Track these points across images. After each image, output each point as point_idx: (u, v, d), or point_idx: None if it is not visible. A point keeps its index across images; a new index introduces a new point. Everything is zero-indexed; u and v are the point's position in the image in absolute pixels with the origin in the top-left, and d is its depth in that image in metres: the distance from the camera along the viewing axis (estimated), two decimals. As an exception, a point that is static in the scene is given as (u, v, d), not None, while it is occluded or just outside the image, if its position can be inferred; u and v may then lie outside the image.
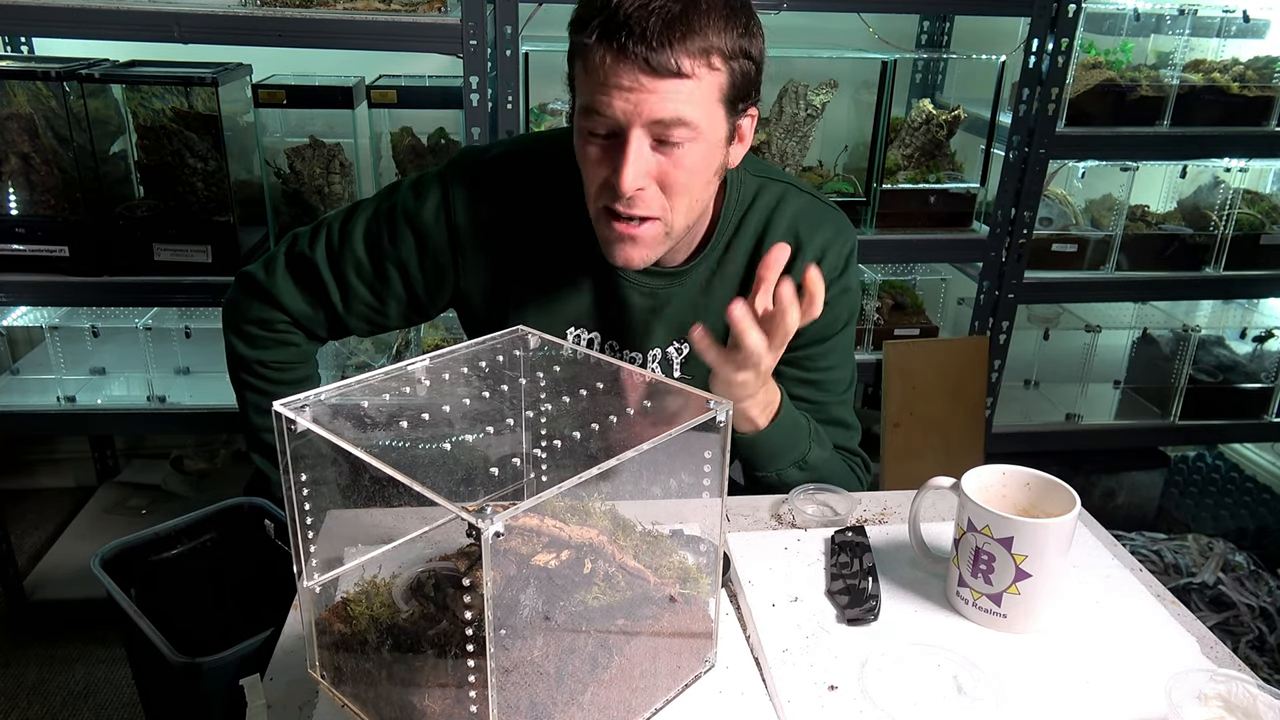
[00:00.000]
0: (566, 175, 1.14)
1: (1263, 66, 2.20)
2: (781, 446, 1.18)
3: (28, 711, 1.99)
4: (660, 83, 0.97)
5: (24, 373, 2.12)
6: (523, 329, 0.90)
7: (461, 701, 0.66)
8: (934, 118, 2.16)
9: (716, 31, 0.98)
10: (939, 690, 0.83)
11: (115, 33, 1.72)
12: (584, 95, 1.01)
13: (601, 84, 0.98)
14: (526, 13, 1.83)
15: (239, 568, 1.70)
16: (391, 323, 1.29)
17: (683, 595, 0.81)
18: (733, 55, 1.00)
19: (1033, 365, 2.47)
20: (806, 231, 1.21)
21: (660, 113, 0.98)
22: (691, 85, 0.98)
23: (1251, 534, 2.54)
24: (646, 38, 0.95)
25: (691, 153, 1.02)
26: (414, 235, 1.21)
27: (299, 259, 1.25)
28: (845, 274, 1.25)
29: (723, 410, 0.74)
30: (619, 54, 0.96)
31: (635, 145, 1.00)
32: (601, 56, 0.97)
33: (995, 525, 0.88)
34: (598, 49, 0.97)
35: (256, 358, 1.30)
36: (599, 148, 1.03)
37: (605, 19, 0.96)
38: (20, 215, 1.85)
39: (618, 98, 0.98)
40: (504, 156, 1.21)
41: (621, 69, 0.97)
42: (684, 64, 0.96)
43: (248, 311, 1.28)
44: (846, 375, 1.30)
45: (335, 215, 1.26)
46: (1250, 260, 2.32)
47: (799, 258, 1.20)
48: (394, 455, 0.78)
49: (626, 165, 1.00)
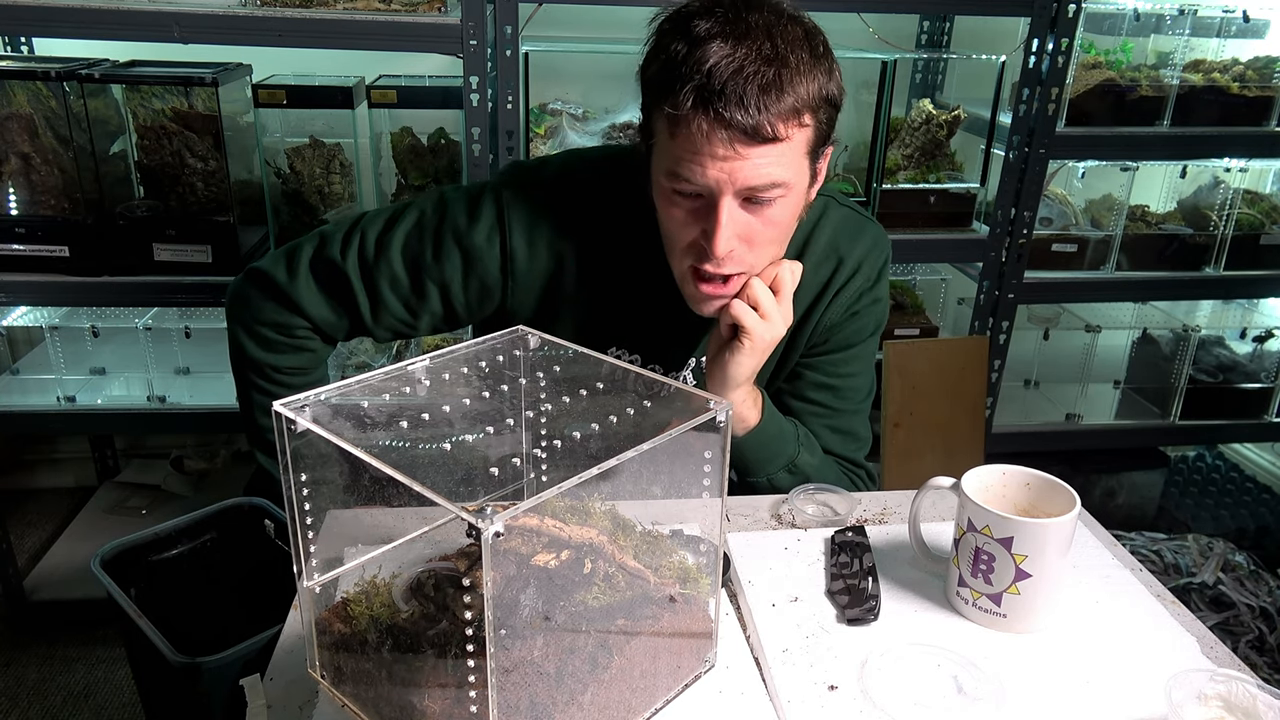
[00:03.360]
0: (623, 198, 1.13)
1: (1263, 66, 2.20)
2: (769, 450, 1.18)
3: (28, 711, 1.99)
4: (755, 149, 0.95)
5: (24, 373, 2.12)
6: (523, 329, 0.90)
7: (461, 701, 0.66)
8: (934, 118, 2.16)
9: (806, 86, 0.96)
10: (939, 690, 0.83)
11: (115, 33, 1.72)
12: (672, 160, 0.99)
13: (695, 152, 0.96)
14: (526, 13, 1.83)
15: (239, 568, 1.70)
16: (419, 333, 1.25)
17: (683, 595, 0.81)
18: (819, 105, 0.98)
19: (1033, 365, 2.47)
20: (846, 245, 1.21)
21: (754, 180, 0.97)
22: (784, 147, 0.97)
23: (1251, 534, 2.54)
24: (745, 105, 0.92)
25: (781, 208, 1.02)
26: (461, 255, 1.16)
27: (328, 265, 1.18)
28: (878, 285, 1.25)
29: (723, 410, 0.74)
30: (715, 123, 0.93)
31: (727, 211, 0.98)
32: (698, 126, 0.94)
33: (995, 525, 0.88)
34: (694, 117, 0.94)
35: (270, 362, 1.23)
36: (686, 210, 1.02)
37: (699, 86, 0.93)
38: (20, 215, 1.85)
39: (712, 167, 0.96)
40: (562, 178, 1.18)
41: (718, 139, 0.94)
42: (779, 129, 0.95)
43: (261, 313, 1.20)
44: (865, 384, 1.30)
45: (371, 221, 1.19)
46: (1250, 260, 2.32)
47: (838, 270, 1.21)
48: (394, 455, 0.78)
49: (720, 231, 0.99)
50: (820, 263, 1.21)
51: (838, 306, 1.23)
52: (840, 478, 1.27)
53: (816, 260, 1.20)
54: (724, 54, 0.93)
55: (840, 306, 1.23)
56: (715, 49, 0.94)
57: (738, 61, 0.93)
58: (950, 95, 2.40)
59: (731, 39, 0.94)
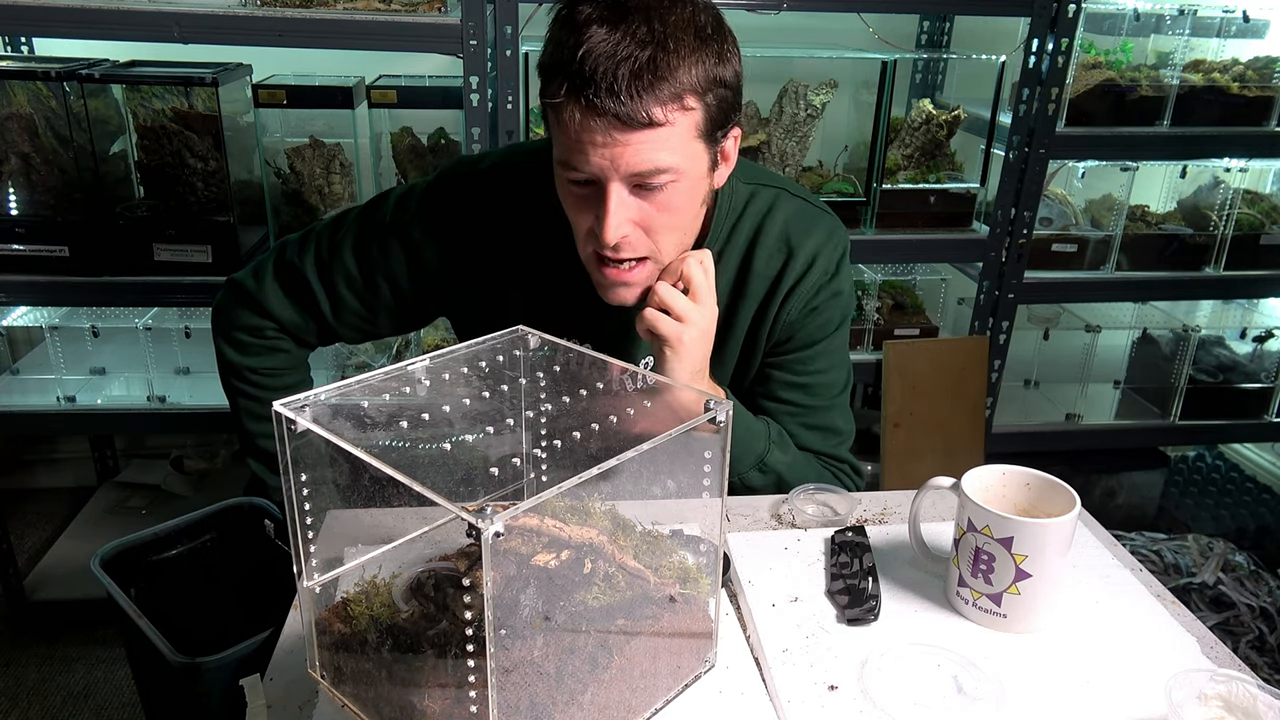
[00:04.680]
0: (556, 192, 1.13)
1: (1263, 66, 2.20)
2: (736, 448, 1.16)
3: (28, 711, 1.99)
4: (634, 135, 0.94)
5: (24, 373, 2.12)
6: (523, 329, 0.90)
7: (461, 701, 0.66)
8: (934, 118, 2.16)
9: (687, 69, 0.94)
10: (939, 690, 0.83)
11: (115, 33, 1.72)
12: (560, 149, 1.00)
13: (575, 141, 0.96)
14: (526, 13, 1.83)
15: (239, 568, 1.69)
16: (382, 331, 1.30)
17: (683, 595, 0.81)
18: (706, 89, 0.97)
19: (1033, 365, 2.47)
20: (798, 237, 1.19)
21: (637, 165, 0.96)
22: (667, 131, 0.95)
23: (1251, 534, 2.54)
24: (615, 92, 0.91)
25: (674, 193, 1.01)
26: (403, 249, 1.20)
27: (288, 268, 1.24)
28: (836, 278, 1.22)
29: (723, 410, 0.74)
30: (589, 110, 0.93)
31: (615, 197, 0.98)
32: (571, 114, 0.94)
33: (995, 525, 0.88)
34: (567, 106, 0.94)
35: (247, 364, 1.30)
36: (580, 196, 1.02)
37: (572, 74, 0.93)
38: (20, 215, 1.85)
39: (593, 154, 0.96)
40: (497, 168, 1.20)
41: (594, 126, 0.94)
42: (656, 113, 0.93)
43: (237, 319, 1.28)
44: (839, 379, 1.28)
45: (324, 225, 1.25)
46: (1250, 260, 2.32)
47: (790, 263, 1.19)
48: (394, 455, 0.78)
49: (608, 218, 0.99)
50: (771, 255, 1.19)
51: (795, 303, 1.20)
52: (821, 473, 1.26)
53: (767, 253, 1.19)
54: (599, 39, 0.92)
55: (799, 303, 1.20)
56: (591, 34, 0.92)
57: (611, 46, 0.92)
58: (950, 95, 2.40)
59: (608, 23, 0.93)
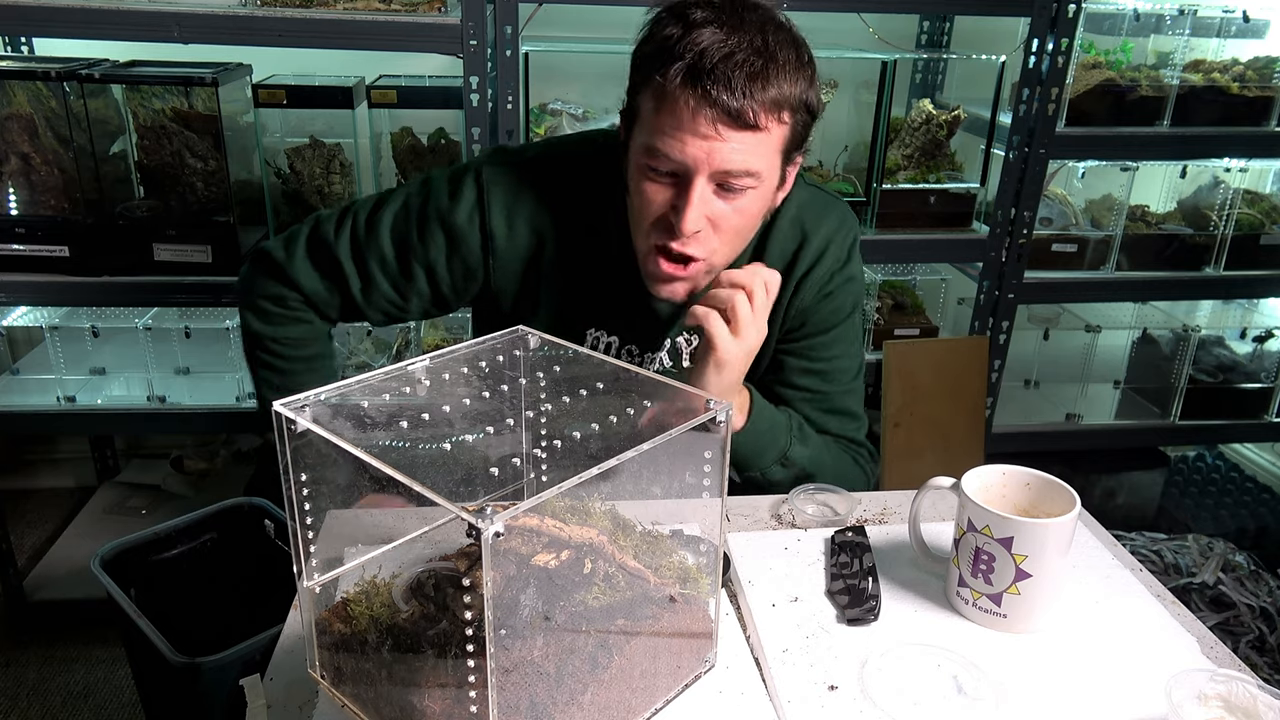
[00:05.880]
0: (600, 183, 1.16)
1: (1263, 66, 2.20)
2: (759, 445, 1.19)
3: (28, 711, 1.99)
4: (735, 133, 0.99)
5: (24, 373, 2.12)
6: (523, 329, 0.90)
7: (461, 701, 0.66)
8: (934, 118, 2.16)
9: (791, 85, 1.00)
10: (939, 690, 0.83)
11: (115, 33, 1.72)
12: (651, 135, 1.02)
13: (676, 128, 0.99)
14: (526, 13, 1.83)
15: (239, 568, 1.70)
16: (411, 316, 1.28)
17: (683, 595, 0.81)
18: (798, 108, 1.03)
19: (1033, 365, 2.47)
20: (811, 224, 1.23)
21: (730, 164, 1.00)
22: (762, 138, 1.00)
23: (1251, 534, 2.54)
24: (731, 88, 0.96)
25: (749, 199, 1.05)
26: (445, 235, 1.19)
27: (322, 245, 1.22)
28: (849, 264, 1.26)
29: (723, 410, 0.74)
30: (701, 101, 0.97)
31: (700, 190, 1.02)
32: (685, 101, 0.98)
33: (995, 525, 0.88)
34: (681, 93, 0.98)
35: (270, 334, 1.27)
36: (660, 186, 1.04)
37: (691, 64, 0.97)
38: (20, 215, 1.85)
39: (692, 144, 0.99)
40: (542, 160, 1.21)
41: (702, 117, 0.98)
42: (760, 118, 0.98)
43: (263, 288, 1.25)
44: (853, 365, 1.31)
45: (363, 203, 1.24)
46: (1250, 260, 2.32)
47: (803, 249, 1.22)
48: (394, 455, 0.78)
49: (690, 209, 1.02)
50: (785, 242, 1.22)
51: (809, 289, 1.23)
52: (840, 457, 1.28)
53: (782, 238, 1.22)
54: (717, 39, 0.98)
55: (812, 289, 1.24)
56: (709, 34, 0.98)
57: (729, 48, 0.97)
58: (950, 95, 2.40)
59: (726, 27, 0.98)
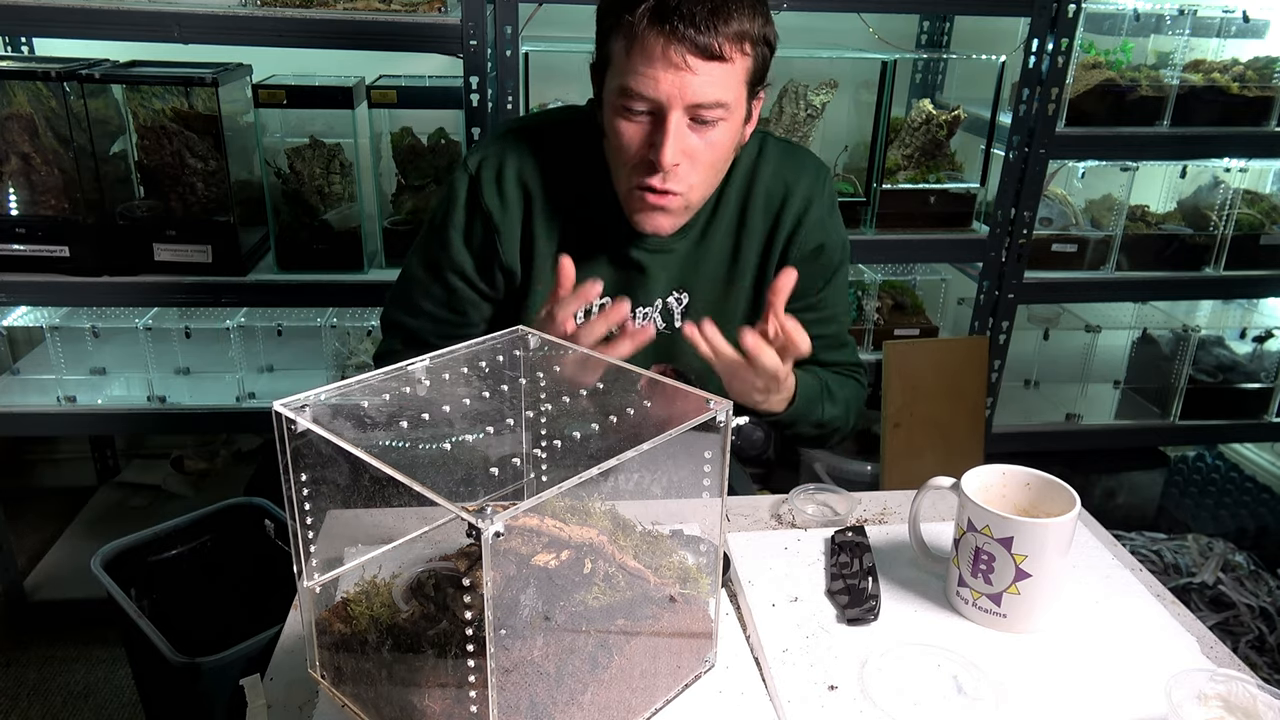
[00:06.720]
0: (582, 148, 1.22)
1: (1263, 66, 2.20)
2: (797, 416, 1.25)
3: (28, 711, 1.99)
4: (704, 64, 1.04)
5: (24, 373, 2.12)
6: (522, 329, 0.90)
7: (461, 701, 0.66)
8: (934, 118, 2.15)
9: (750, 19, 1.06)
10: (939, 690, 0.83)
11: (115, 33, 1.72)
12: (625, 75, 1.07)
13: (648, 65, 1.05)
14: (526, 13, 1.83)
15: (239, 568, 1.70)
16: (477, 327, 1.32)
17: (683, 595, 0.81)
18: (758, 41, 1.09)
19: (1033, 365, 2.47)
20: (792, 175, 1.28)
21: (702, 96, 1.05)
22: (729, 69, 1.06)
23: (1251, 534, 2.54)
24: (696, 22, 1.02)
25: (722, 132, 1.10)
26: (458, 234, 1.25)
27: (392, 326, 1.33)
28: (834, 212, 1.32)
29: (723, 410, 0.74)
30: (670, 36, 1.03)
31: (676, 124, 1.07)
32: (654, 38, 1.04)
33: (995, 525, 0.88)
34: (649, 31, 1.04)
35: None
36: (637, 125, 1.10)
37: (658, 3, 1.03)
38: (20, 215, 1.85)
39: (665, 79, 1.05)
40: (515, 128, 1.28)
41: (672, 51, 1.03)
42: (726, 49, 1.04)
43: None
44: (847, 299, 1.39)
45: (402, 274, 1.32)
46: (1250, 260, 2.32)
47: (789, 200, 1.27)
48: (394, 455, 0.78)
49: (668, 142, 1.07)
50: (769, 196, 1.27)
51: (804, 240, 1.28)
52: (853, 390, 1.37)
53: (765, 191, 1.27)
54: None
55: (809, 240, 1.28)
56: None
57: None
58: (950, 95, 2.40)
59: None
